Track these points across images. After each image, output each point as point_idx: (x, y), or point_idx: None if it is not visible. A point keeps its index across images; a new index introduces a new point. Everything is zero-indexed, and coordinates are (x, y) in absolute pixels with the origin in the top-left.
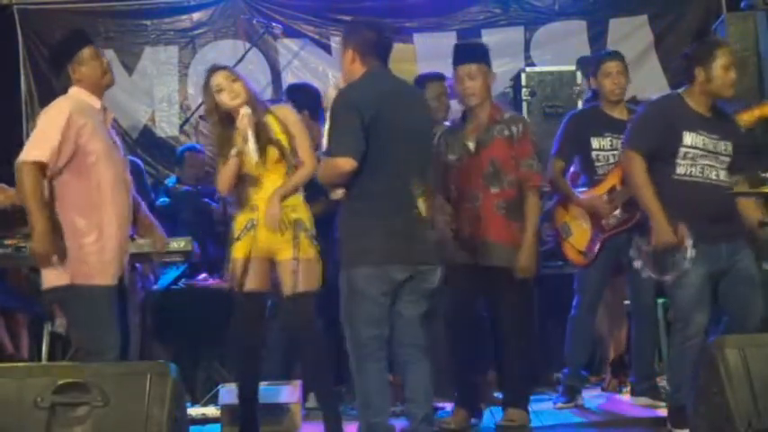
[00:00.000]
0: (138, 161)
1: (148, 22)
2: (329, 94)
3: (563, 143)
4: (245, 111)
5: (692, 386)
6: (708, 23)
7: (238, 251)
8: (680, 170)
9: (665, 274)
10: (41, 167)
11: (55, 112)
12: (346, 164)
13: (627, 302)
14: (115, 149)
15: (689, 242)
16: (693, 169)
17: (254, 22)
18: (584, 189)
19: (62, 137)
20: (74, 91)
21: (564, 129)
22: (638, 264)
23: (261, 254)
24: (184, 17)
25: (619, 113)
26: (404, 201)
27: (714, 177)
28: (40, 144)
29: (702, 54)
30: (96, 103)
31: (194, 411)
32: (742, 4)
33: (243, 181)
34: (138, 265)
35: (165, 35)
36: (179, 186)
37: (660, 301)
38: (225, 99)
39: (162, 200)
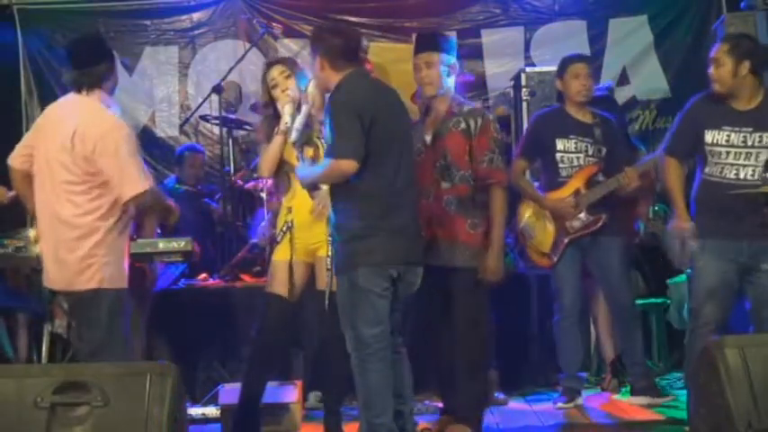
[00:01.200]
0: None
1: (148, 22)
2: (310, 91)
3: (526, 144)
4: (290, 91)
5: (691, 386)
6: (708, 24)
7: (278, 254)
8: (707, 169)
9: (682, 263)
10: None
11: (130, 137)
12: (349, 166)
13: None
14: None
15: (691, 237)
16: (715, 168)
17: (254, 22)
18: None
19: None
20: (104, 98)
21: (528, 130)
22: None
23: (300, 256)
24: (184, 17)
25: (583, 116)
26: (403, 200)
27: (733, 176)
28: (143, 174)
29: None
30: (117, 110)
31: (194, 411)
32: (742, 5)
33: (284, 173)
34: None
35: (165, 35)
36: (179, 186)
37: (659, 301)
38: (277, 94)
39: None
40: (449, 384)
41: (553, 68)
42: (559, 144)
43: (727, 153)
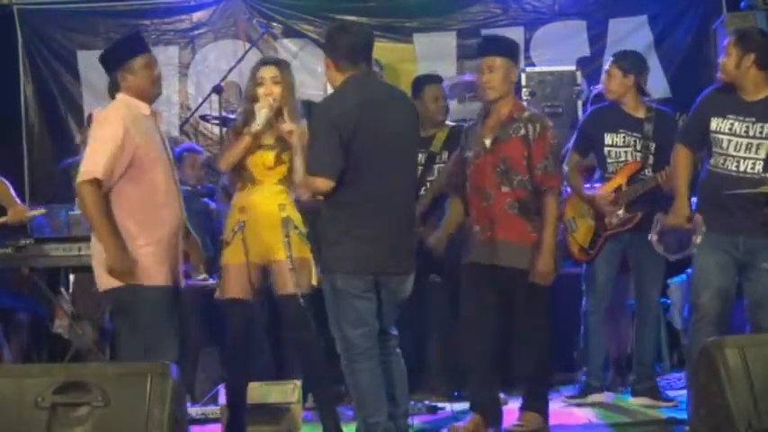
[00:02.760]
0: None
1: (148, 22)
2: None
3: (578, 138)
4: (272, 98)
5: (691, 386)
6: (708, 23)
7: (229, 256)
8: (711, 160)
9: (672, 253)
10: (98, 183)
11: (110, 125)
12: (323, 184)
13: (629, 302)
14: (165, 152)
15: (700, 230)
16: (718, 159)
17: (254, 22)
18: (598, 185)
19: (118, 150)
20: (121, 98)
21: (582, 123)
22: (653, 237)
23: (256, 258)
24: (184, 17)
25: (635, 110)
26: (382, 208)
27: (734, 168)
28: (96, 160)
29: None
30: (145, 109)
31: (194, 411)
32: (742, 4)
33: (243, 175)
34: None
35: (165, 35)
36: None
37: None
38: (260, 94)
39: None
40: (479, 385)
41: (553, 68)
42: (608, 138)
43: (729, 142)
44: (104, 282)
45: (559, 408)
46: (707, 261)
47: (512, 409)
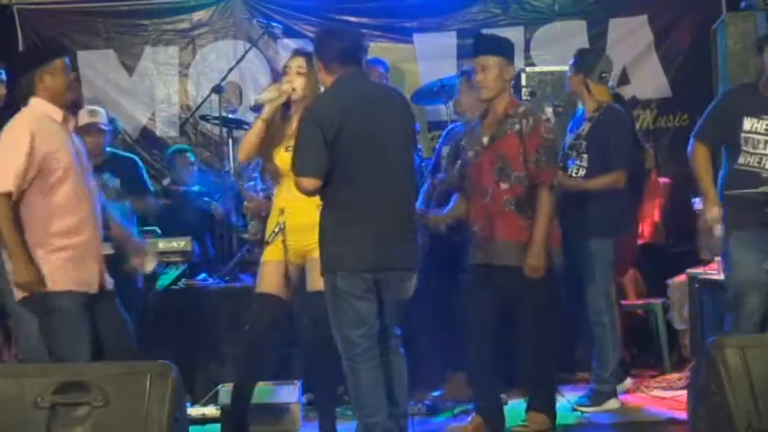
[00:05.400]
0: (134, 157)
1: (148, 22)
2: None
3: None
4: (287, 85)
5: (691, 386)
6: (708, 23)
7: (268, 254)
8: (740, 159)
9: (708, 252)
10: (9, 196)
11: (17, 135)
12: (309, 184)
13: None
14: (78, 159)
15: (718, 227)
16: (751, 159)
17: (254, 22)
18: None
19: (26, 162)
20: (34, 102)
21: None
22: (704, 248)
23: (294, 258)
24: (184, 17)
25: (590, 110)
26: (378, 205)
27: None
28: (5, 173)
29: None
30: (57, 114)
31: (194, 411)
32: (742, 4)
33: (270, 167)
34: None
35: (165, 35)
36: (179, 187)
37: (659, 301)
38: (283, 82)
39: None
40: (484, 387)
41: (553, 68)
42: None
43: (766, 143)
44: (19, 292)
45: (560, 407)
46: (746, 259)
47: (511, 408)
